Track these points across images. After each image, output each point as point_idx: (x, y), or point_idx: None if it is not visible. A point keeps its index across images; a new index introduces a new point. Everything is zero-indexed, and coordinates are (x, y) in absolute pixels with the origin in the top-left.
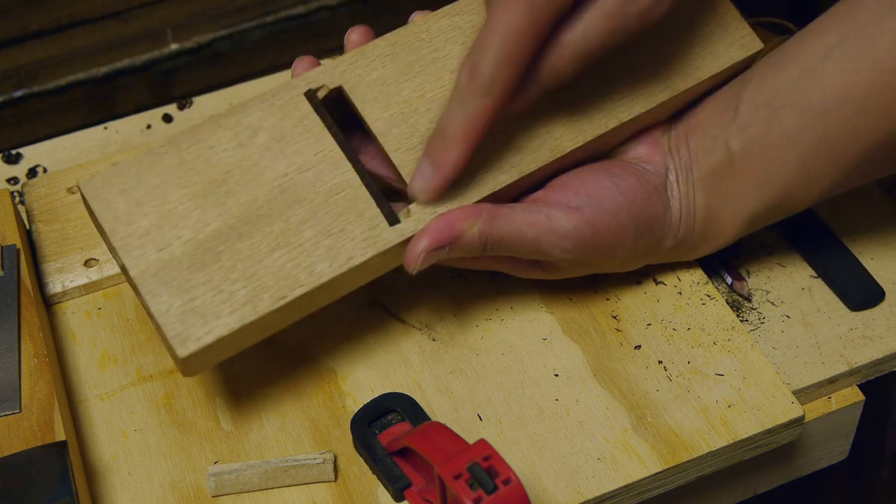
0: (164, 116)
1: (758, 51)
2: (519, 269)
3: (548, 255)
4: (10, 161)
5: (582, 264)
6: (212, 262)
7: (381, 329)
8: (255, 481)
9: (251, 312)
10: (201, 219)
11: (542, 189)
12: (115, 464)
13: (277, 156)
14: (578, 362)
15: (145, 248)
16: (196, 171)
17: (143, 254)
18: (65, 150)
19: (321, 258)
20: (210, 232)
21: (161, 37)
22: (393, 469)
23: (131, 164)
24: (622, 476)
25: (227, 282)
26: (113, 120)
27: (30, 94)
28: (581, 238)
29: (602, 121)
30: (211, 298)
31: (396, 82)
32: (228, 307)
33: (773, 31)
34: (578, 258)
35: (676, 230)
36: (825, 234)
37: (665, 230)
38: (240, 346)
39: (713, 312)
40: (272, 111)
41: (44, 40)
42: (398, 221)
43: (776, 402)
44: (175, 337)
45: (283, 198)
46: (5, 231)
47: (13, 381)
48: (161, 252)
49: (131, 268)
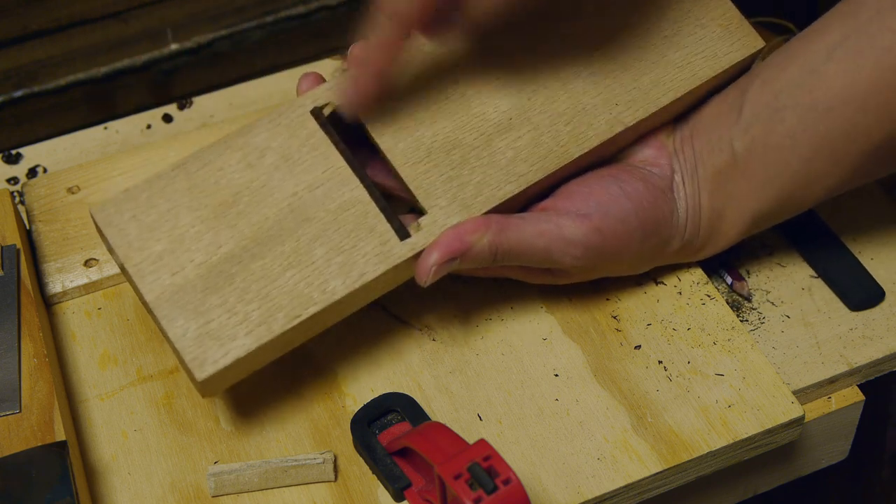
0: (164, 116)
1: (759, 49)
2: (529, 277)
3: (558, 262)
4: (10, 161)
5: (591, 270)
6: (226, 284)
7: (381, 329)
8: (255, 481)
9: (267, 332)
10: (213, 241)
11: (550, 197)
12: (115, 464)
13: (286, 175)
14: (578, 362)
15: (159, 273)
16: (206, 193)
17: (158, 279)
18: (65, 150)
19: (334, 275)
20: (223, 254)
21: (161, 37)
22: (393, 469)
23: (142, 189)
24: (622, 476)
25: (242, 303)
26: (113, 120)
27: (30, 94)
28: (590, 245)
29: (606, 126)
30: (226, 320)
31: (399, 96)
32: (244, 328)
33: (773, 32)
34: (587, 265)
35: (683, 232)
36: (825, 234)
37: (672, 233)
38: (257, 364)
39: (713, 312)
40: (279, 130)
41: (44, 40)
42: (408, 236)
43: (776, 402)
44: (193, 360)
45: (294, 216)
46: (5, 231)
47: (13, 381)
48: (175, 276)
49: (146, 293)
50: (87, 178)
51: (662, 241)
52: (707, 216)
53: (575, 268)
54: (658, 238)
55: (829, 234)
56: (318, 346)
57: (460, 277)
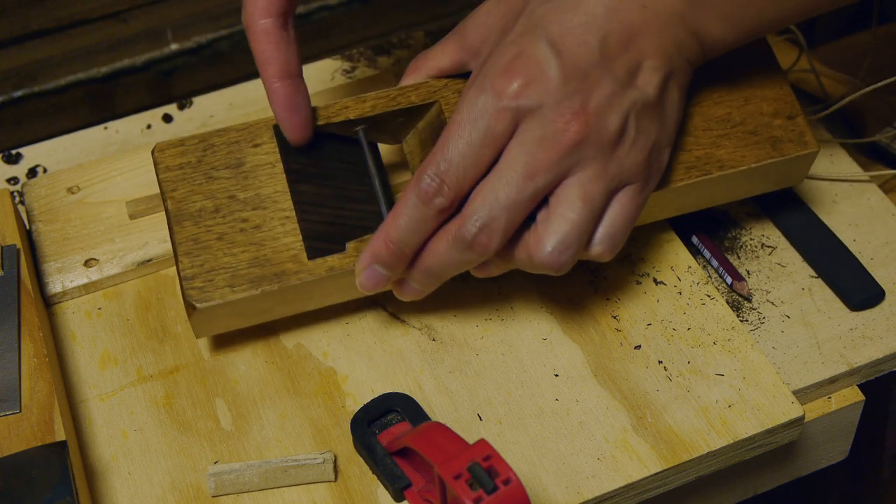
0: (164, 116)
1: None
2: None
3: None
4: (10, 161)
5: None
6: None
7: (381, 329)
8: (255, 481)
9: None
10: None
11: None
12: (115, 464)
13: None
14: (578, 362)
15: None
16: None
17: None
18: (65, 150)
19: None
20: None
21: (161, 37)
22: (393, 469)
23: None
24: (622, 476)
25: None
26: (113, 120)
27: (30, 94)
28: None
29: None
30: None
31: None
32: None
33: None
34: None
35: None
36: (825, 234)
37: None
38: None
39: (713, 312)
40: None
41: (44, 40)
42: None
43: (776, 402)
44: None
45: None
46: (5, 231)
47: (13, 381)
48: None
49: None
50: (87, 178)
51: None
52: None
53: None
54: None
55: (829, 234)
56: (317, 345)
57: (460, 276)
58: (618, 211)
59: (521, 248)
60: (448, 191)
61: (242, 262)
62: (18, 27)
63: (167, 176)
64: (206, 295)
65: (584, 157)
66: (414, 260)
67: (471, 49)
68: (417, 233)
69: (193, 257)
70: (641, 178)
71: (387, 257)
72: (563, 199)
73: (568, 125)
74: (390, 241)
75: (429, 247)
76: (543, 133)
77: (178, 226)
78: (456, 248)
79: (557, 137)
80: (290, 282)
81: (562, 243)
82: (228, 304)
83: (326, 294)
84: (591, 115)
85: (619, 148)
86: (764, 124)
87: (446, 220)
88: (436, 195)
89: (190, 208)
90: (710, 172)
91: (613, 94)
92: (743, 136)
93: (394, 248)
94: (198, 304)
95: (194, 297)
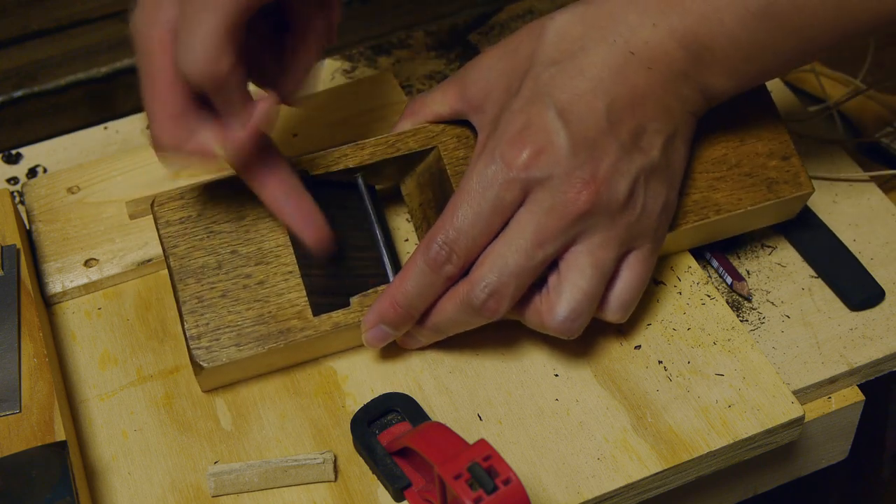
0: None
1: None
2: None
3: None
4: (10, 161)
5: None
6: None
7: None
8: (255, 481)
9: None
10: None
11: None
12: (115, 464)
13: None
14: (578, 362)
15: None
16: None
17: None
18: (65, 150)
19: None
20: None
21: None
22: (393, 469)
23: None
24: (622, 476)
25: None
26: (113, 120)
27: (30, 94)
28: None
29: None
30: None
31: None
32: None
33: None
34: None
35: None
36: (825, 234)
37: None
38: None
39: (713, 312)
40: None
41: (44, 40)
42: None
43: (776, 402)
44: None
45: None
46: (5, 231)
47: (13, 381)
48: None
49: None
50: (87, 178)
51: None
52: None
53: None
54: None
55: (829, 234)
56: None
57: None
58: (629, 276)
59: (531, 313)
60: (457, 259)
61: (247, 319)
62: (18, 27)
63: (168, 231)
64: (213, 355)
65: (594, 223)
66: (422, 318)
67: (471, 102)
68: (425, 297)
69: (198, 316)
70: (651, 240)
71: (394, 319)
72: (573, 266)
73: (578, 195)
74: (398, 304)
75: (437, 307)
76: (553, 203)
77: (182, 283)
78: (464, 311)
79: (567, 207)
80: (295, 338)
81: (574, 311)
82: (235, 363)
83: (330, 345)
84: (600, 184)
85: (628, 213)
86: (759, 165)
87: (455, 282)
88: (445, 263)
89: (192, 265)
90: (708, 216)
91: (620, 160)
92: (739, 179)
93: (401, 311)
94: (205, 364)
95: (201, 357)
